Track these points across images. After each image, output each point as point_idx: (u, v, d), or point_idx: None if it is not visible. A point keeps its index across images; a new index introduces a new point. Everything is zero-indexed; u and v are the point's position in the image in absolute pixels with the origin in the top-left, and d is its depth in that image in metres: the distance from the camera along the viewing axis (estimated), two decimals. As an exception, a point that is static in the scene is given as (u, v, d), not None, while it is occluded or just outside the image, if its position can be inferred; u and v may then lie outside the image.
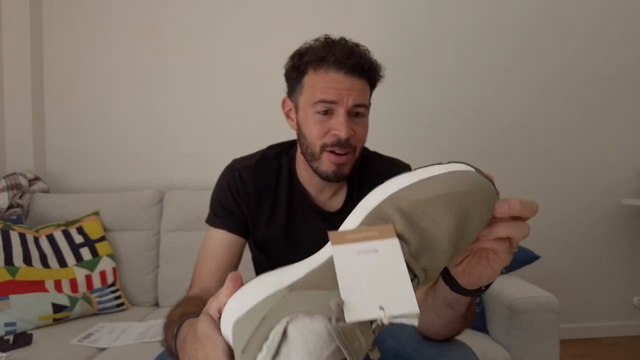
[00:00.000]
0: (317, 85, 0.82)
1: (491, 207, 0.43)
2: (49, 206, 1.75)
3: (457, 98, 2.11)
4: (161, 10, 2.02)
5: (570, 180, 2.17)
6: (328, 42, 0.84)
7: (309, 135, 0.84)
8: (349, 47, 0.82)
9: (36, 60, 1.96)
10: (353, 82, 0.82)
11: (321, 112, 0.82)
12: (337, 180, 0.86)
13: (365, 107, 0.85)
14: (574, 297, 2.16)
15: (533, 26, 2.13)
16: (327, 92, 0.81)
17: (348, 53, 0.81)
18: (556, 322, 1.28)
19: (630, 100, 2.18)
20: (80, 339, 1.30)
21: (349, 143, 0.82)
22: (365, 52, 0.84)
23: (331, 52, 0.81)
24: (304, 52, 0.85)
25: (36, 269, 1.48)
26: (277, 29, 1.98)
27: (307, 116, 0.85)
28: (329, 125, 0.82)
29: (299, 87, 0.87)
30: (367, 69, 0.83)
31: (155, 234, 1.75)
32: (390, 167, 0.95)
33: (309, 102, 0.83)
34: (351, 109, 0.82)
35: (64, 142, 2.01)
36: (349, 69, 0.81)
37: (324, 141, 0.83)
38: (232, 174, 0.92)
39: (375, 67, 0.85)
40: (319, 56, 0.82)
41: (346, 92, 0.81)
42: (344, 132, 0.81)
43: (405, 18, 2.08)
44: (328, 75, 0.81)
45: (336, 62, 0.81)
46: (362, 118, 0.85)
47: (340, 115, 0.81)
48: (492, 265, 0.50)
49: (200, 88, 2.03)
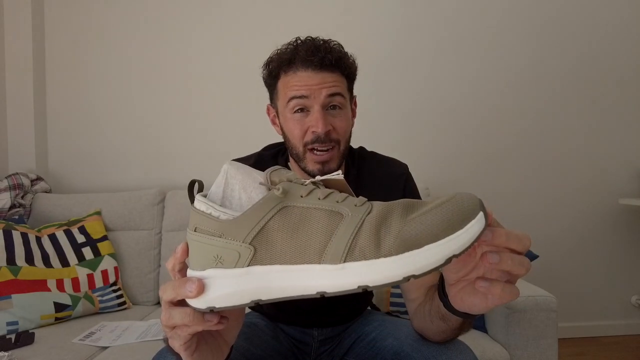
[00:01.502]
0: (289, 86, 0.83)
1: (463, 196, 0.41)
2: (51, 206, 1.76)
3: (457, 100, 2.12)
4: (162, 11, 2.03)
5: (569, 180, 2.18)
6: (295, 44, 0.84)
7: (291, 136, 0.85)
8: (315, 44, 0.83)
9: (38, 61, 1.97)
10: (323, 77, 0.82)
11: (297, 111, 0.83)
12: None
13: (342, 96, 0.84)
14: (572, 295, 2.17)
15: (534, 28, 2.14)
16: (296, 89, 0.82)
17: (313, 50, 0.81)
18: (554, 321, 1.29)
19: (629, 100, 2.19)
20: (82, 337, 1.31)
21: (330, 138, 0.82)
22: (333, 47, 0.84)
23: (297, 52, 0.82)
24: (274, 57, 0.86)
25: (38, 268, 1.49)
26: (276, 29, 1.99)
27: (286, 118, 0.85)
28: (307, 124, 0.83)
29: (275, 93, 0.88)
30: (336, 62, 0.83)
31: (157, 233, 1.76)
32: (388, 166, 0.96)
33: (284, 103, 0.84)
34: (326, 102, 0.82)
35: (66, 142, 2.02)
36: (316, 65, 0.81)
37: (304, 140, 0.84)
38: None
39: (345, 58, 0.85)
40: (286, 59, 0.83)
41: (317, 86, 0.81)
42: (321, 127, 0.81)
43: (407, 19, 2.09)
44: (297, 75, 0.82)
45: (303, 61, 0.81)
46: (341, 110, 0.84)
47: (315, 111, 0.81)
48: (487, 301, 0.47)
49: (202, 88, 2.04)
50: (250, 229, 0.41)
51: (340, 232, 0.40)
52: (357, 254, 0.39)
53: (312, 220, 0.41)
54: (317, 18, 2.04)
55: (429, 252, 0.38)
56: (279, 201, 0.42)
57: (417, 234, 0.38)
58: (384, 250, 0.39)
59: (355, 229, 0.40)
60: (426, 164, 2.07)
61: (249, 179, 0.45)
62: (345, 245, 0.39)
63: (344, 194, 0.43)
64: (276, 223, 0.41)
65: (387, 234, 0.39)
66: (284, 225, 0.41)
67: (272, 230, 0.41)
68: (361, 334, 0.89)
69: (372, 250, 0.39)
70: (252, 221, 0.41)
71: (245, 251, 0.41)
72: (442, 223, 0.38)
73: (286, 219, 0.42)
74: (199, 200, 0.44)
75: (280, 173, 0.45)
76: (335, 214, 0.41)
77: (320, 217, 0.41)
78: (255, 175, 0.46)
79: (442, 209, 0.39)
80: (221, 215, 0.42)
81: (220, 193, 0.45)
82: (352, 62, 0.88)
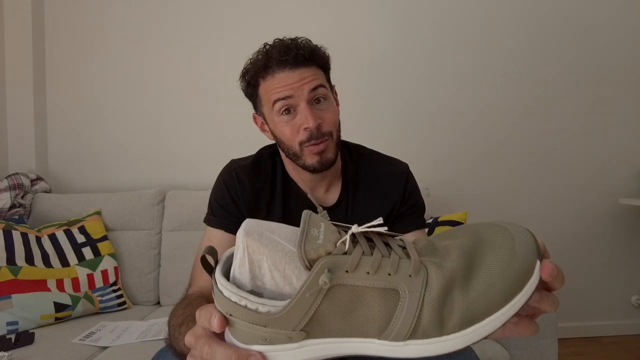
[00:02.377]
0: (270, 90, 0.84)
1: (523, 248, 0.38)
2: (51, 206, 1.76)
3: (456, 99, 2.12)
4: (163, 11, 2.03)
5: (569, 180, 2.18)
6: (265, 49, 0.85)
7: (284, 138, 0.86)
8: (285, 44, 0.83)
9: (38, 61, 1.97)
10: (301, 73, 0.83)
11: (284, 112, 0.84)
12: (326, 169, 0.87)
13: (324, 87, 0.85)
14: (572, 295, 2.17)
15: (533, 27, 2.14)
16: (278, 91, 0.82)
17: (285, 49, 0.82)
18: (554, 321, 1.29)
19: (628, 100, 2.19)
20: (82, 337, 1.31)
21: (322, 131, 0.83)
22: (303, 43, 0.85)
23: (270, 56, 0.83)
24: (248, 67, 0.87)
25: (38, 268, 1.49)
26: (276, 29, 1.99)
27: (274, 122, 0.86)
28: (297, 123, 0.83)
29: (258, 101, 0.89)
30: (310, 56, 0.83)
31: (157, 233, 1.76)
32: (387, 165, 0.96)
33: (270, 109, 0.85)
34: (310, 97, 0.83)
35: (66, 142, 2.02)
36: (291, 63, 0.82)
37: (299, 139, 0.84)
38: (230, 175, 0.92)
39: (316, 51, 0.86)
40: (261, 65, 0.84)
41: (298, 84, 0.82)
42: (311, 122, 0.81)
43: (404, 17, 2.09)
44: (275, 78, 0.83)
45: (278, 62, 0.82)
46: (326, 101, 0.86)
47: (303, 108, 0.82)
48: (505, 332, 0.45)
49: (202, 89, 2.04)
50: (300, 320, 0.38)
51: (400, 314, 0.38)
52: (420, 334, 0.38)
53: (366, 301, 0.38)
54: (314, 18, 2.04)
55: (491, 324, 0.38)
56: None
57: (481, 312, 0.37)
58: (448, 329, 0.38)
59: (417, 311, 0.38)
60: (425, 163, 2.07)
61: (277, 251, 0.39)
62: (408, 328, 0.38)
63: (394, 260, 0.38)
64: (327, 307, 0.38)
65: (450, 315, 0.38)
66: (336, 309, 0.38)
67: (324, 315, 0.38)
68: None
69: (436, 331, 0.38)
70: (300, 312, 0.37)
71: (297, 335, 0.38)
72: (505, 293, 0.37)
73: (337, 300, 0.38)
74: (226, 289, 0.38)
75: (311, 239, 0.39)
76: (390, 292, 0.38)
77: (374, 298, 0.38)
78: (283, 244, 0.40)
79: (505, 279, 0.37)
80: (260, 308, 0.38)
81: (247, 274, 0.39)
82: (324, 53, 0.88)
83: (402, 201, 0.93)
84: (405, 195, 0.94)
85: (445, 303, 0.37)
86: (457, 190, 2.12)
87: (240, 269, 0.39)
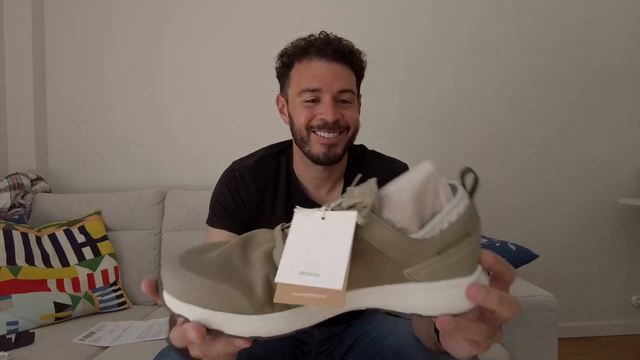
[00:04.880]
0: (302, 75, 0.87)
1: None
2: (51, 206, 1.76)
3: (455, 99, 2.12)
4: (163, 10, 2.02)
5: (569, 179, 2.18)
6: (310, 37, 0.89)
7: (297, 122, 0.88)
8: (329, 37, 0.88)
9: (38, 61, 1.97)
10: (336, 68, 0.85)
11: (308, 101, 0.86)
12: (330, 163, 0.88)
13: (352, 93, 0.88)
14: (572, 295, 2.17)
15: (531, 26, 2.14)
16: (310, 80, 0.85)
17: (328, 42, 0.86)
18: (554, 321, 1.29)
19: (628, 99, 2.19)
20: (82, 337, 1.31)
21: (338, 124, 0.86)
22: (346, 42, 0.88)
23: (313, 43, 0.87)
24: (289, 48, 0.90)
25: (38, 268, 1.49)
26: (276, 29, 1.99)
27: (295, 105, 0.89)
28: (315, 111, 0.86)
29: (287, 82, 0.91)
30: (348, 55, 0.87)
31: (157, 233, 1.76)
32: (388, 165, 0.97)
33: (296, 92, 0.87)
34: (337, 95, 0.86)
35: (66, 142, 2.02)
36: (330, 56, 0.85)
37: (310, 124, 0.86)
38: (233, 176, 0.93)
39: (356, 53, 0.89)
40: (302, 48, 0.87)
41: (330, 78, 0.85)
42: (330, 116, 0.84)
43: (403, 17, 2.09)
44: (311, 64, 0.86)
45: (317, 51, 0.86)
46: (350, 104, 0.88)
47: (326, 101, 0.85)
48: (460, 349, 0.47)
49: (202, 88, 2.04)
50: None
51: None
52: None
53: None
54: (314, 17, 2.03)
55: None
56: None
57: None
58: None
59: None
60: (426, 163, 2.07)
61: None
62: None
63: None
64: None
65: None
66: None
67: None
68: (361, 334, 0.89)
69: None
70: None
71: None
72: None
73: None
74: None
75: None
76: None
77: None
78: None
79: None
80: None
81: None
82: (362, 59, 0.91)
83: None
84: None
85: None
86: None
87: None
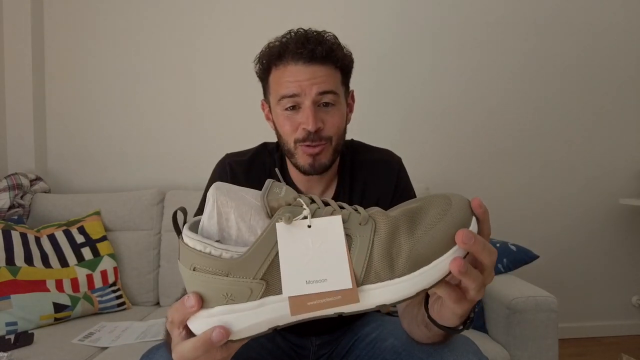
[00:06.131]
0: (280, 82, 0.81)
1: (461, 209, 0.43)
2: (50, 206, 1.75)
3: (456, 99, 2.12)
4: (162, 11, 2.02)
5: (569, 180, 2.18)
6: (285, 37, 0.81)
7: (282, 132, 0.84)
8: (306, 36, 0.79)
9: (37, 61, 1.97)
10: (314, 71, 0.78)
11: (288, 109, 0.81)
12: (317, 173, 0.84)
13: (334, 94, 0.81)
14: (572, 296, 2.17)
15: (533, 28, 2.13)
16: (287, 86, 0.79)
17: (303, 42, 0.78)
18: (555, 322, 1.29)
19: (629, 100, 2.19)
20: (81, 338, 1.31)
21: (320, 135, 0.80)
22: (326, 38, 0.81)
23: (287, 45, 0.79)
24: (264, 51, 0.84)
25: (37, 268, 1.48)
26: (276, 28, 1.98)
27: (277, 114, 0.84)
28: (297, 120, 0.81)
29: (267, 88, 0.86)
30: (327, 54, 0.79)
31: (156, 233, 1.76)
32: (380, 155, 0.95)
33: (276, 100, 0.82)
34: (317, 99, 0.79)
35: (65, 142, 2.02)
36: (306, 58, 0.78)
37: (295, 136, 0.81)
38: (224, 169, 0.91)
39: (337, 50, 0.82)
40: (276, 52, 0.81)
41: (308, 82, 0.78)
42: (311, 125, 0.78)
43: (406, 16, 2.09)
44: (287, 69, 0.80)
45: (293, 54, 0.78)
46: (333, 106, 0.82)
47: (306, 107, 0.79)
48: (445, 309, 0.50)
49: (202, 88, 2.04)
50: (260, 265, 0.40)
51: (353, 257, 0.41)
52: (373, 276, 0.41)
53: None
54: (316, 15, 2.02)
55: (437, 267, 0.41)
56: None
57: (426, 253, 0.41)
58: (398, 270, 0.41)
59: (367, 252, 0.41)
60: (426, 164, 2.07)
61: (244, 205, 0.43)
62: (361, 270, 0.41)
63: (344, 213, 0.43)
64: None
65: (398, 255, 0.41)
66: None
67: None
68: (360, 335, 0.88)
69: (387, 272, 0.41)
70: (260, 257, 0.40)
71: (257, 286, 0.40)
72: (445, 238, 0.42)
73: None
74: (191, 238, 0.41)
75: (274, 192, 0.43)
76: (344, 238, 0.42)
77: None
78: (249, 199, 0.43)
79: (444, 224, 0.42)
80: (223, 254, 0.40)
81: (214, 226, 0.42)
82: (346, 54, 0.84)
83: (394, 195, 0.92)
84: (398, 188, 0.92)
85: (393, 244, 0.42)
86: (457, 191, 2.11)
87: (209, 221, 0.42)
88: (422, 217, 0.43)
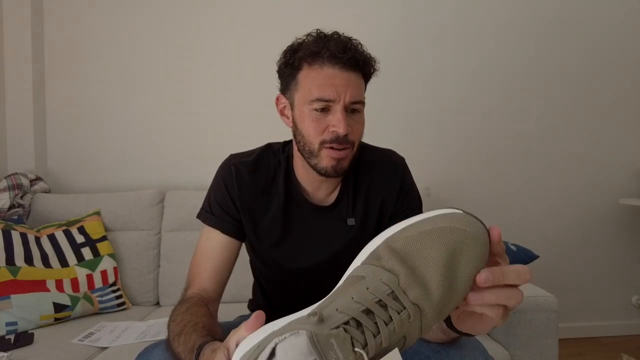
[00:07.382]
0: (313, 82, 0.80)
1: (483, 244, 0.46)
2: (50, 206, 1.75)
3: (457, 100, 2.12)
4: (162, 11, 2.02)
5: (569, 180, 2.18)
6: (321, 37, 0.82)
7: (306, 133, 0.83)
8: (343, 41, 0.81)
9: (37, 61, 1.96)
10: (349, 77, 0.80)
11: (318, 110, 0.81)
12: (337, 176, 0.86)
13: (362, 103, 0.84)
14: (572, 296, 2.17)
15: (534, 30, 2.14)
16: (324, 89, 0.79)
17: (343, 47, 0.79)
18: (555, 322, 1.29)
19: (629, 100, 2.19)
20: (81, 338, 1.30)
21: (347, 139, 0.81)
22: (358, 46, 0.83)
23: (325, 46, 0.79)
24: (297, 47, 0.83)
25: (37, 268, 1.48)
26: (277, 29, 1.99)
27: (303, 113, 0.83)
28: (326, 122, 0.81)
29: (293, 84, 0.85)
30: (362, 63, 0.82)
31: (156, 233, 1.76)
32: (384, 156, 0.96)
33: (305, 100, 0.82)
34: (348, 106, 0.81)
35: (65, 142, 2.02)
36: (344, 64, 0.79)
37: (322, 138, 0.81)
38: (229, 171, 0.91)
39: (369, 60, 0.85)
40: (313, 51, 0.80)
41: (343, 88, 0.79)
42: (342, 129, 0.79)
43: (408, 17, 2.09)
44: (323, 71, 0.80)
45: (331, 57, 0.79)
46: (359, 114, 0.85)
47: (338, 111, 0.80)
48: (484, 324, 0.51)
49: (201, 88, 2.04)
50: None
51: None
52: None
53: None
54: (317, 16, 2.03)
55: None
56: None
57: (452, 308, 0.45)
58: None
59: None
60: (427, 164, 2.07)
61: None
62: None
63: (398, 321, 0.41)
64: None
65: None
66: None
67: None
68: None
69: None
70: None
71: None
72: (468, 284, 0.45)
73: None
74: None
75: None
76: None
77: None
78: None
79: (465, 273, 0.44)
80: None
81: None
82: (374, 65, 0.87)
83: (398, 196, 0.92)
84: (402, 190, 0.93)
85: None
86: (457, 191, 2.12)
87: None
88: (456, 281, 0.44)
